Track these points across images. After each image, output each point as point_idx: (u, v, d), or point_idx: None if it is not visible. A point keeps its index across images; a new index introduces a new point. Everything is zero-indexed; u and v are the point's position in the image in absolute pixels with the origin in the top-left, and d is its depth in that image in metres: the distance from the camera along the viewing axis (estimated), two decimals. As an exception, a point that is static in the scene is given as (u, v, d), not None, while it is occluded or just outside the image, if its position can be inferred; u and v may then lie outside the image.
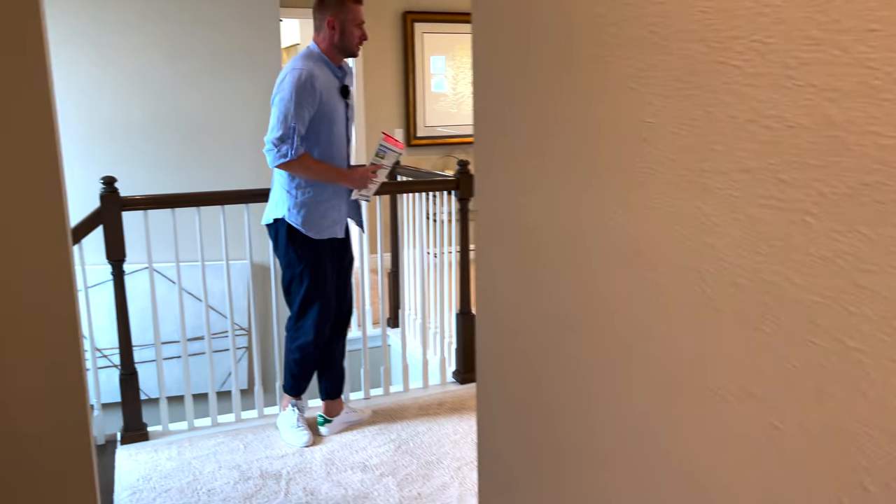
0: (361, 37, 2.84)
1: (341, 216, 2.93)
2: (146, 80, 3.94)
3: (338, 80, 2.85)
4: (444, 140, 6.22)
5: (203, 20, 3.98)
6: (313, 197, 2.84)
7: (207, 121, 4.01)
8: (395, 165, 2.88)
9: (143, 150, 3.98)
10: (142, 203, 3.04)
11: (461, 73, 6.20)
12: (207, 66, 4.00)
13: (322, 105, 2.77)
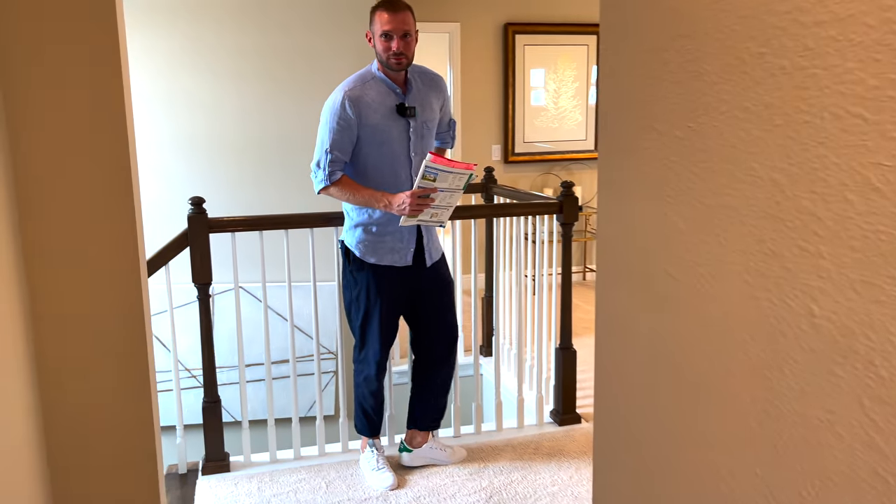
0: (386, 49, 2.53)
1: (403, 243, 2.71)
2: (236, 97, 3.87)
3: (396, 96, 2.64)
4: (544, 156, 5.93)
5: (294, 36, 3.88)
6: (368, 220, 2.68)
7: (296, 139, 3.90)
8: (466, 186, 2.55)
9: (231, 167, 3.92)
10: (229, 225, 2.92)
11: (563, 87, 5.90)
12: (298, 83, 3.90)
13: (366, 127, 2.58)
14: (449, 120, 2.89)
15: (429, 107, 2.70)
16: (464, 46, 5.62)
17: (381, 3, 2.56)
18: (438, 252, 2.85)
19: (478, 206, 3.48)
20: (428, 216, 2.59)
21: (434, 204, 2.55)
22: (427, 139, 2.71)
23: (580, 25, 5.81)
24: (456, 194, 2.57)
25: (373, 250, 2.70)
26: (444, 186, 2.51)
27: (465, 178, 2.52)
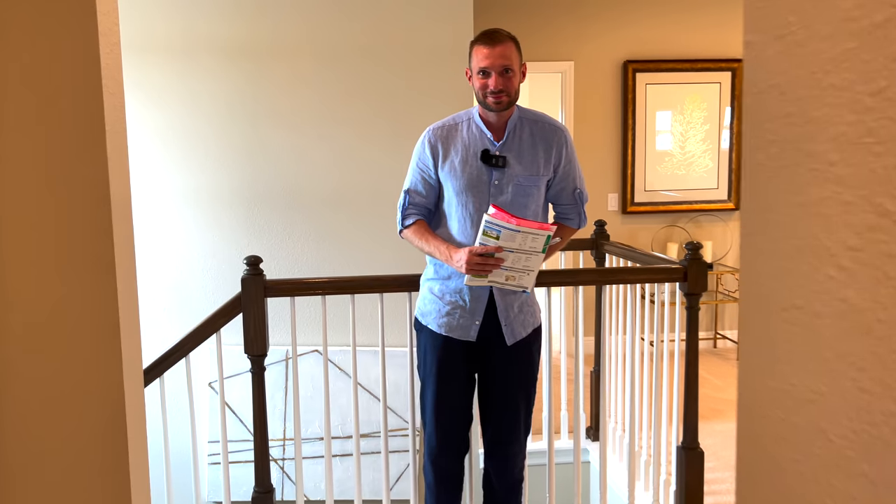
0: (483, 87, 2.16)
1: (468, 313, 2.25)
2: (316, 144, 3.55)
3: (487, 142, 2.22)
4: (668, 207, 5.27)
5: (386, 76, 3.54)
6: (434, 274, 2.32)
7: (383, 190, 3.52)
8: (545, 249, 2.13)
9: (316, 222, 3.58)
10: (288, 288, 2.55)
11: (691, 129, 5.26)
12: (389, 129, 3.53)
13: (444, 171, 2.24)
14: (574, 190, 2.35)
15: (530, 161, 2.24)
16: (578, 86, 5.13)
17: (480, 35, 2.20)
18: (528, 327, 2.34)
19: (585, 270, 2.92)
20: (502, 279, 2.16)
21: (506, 265, 2.13)
22: (520, 200, 2.24)
23: (711, 61, 5.18)
24: (534, 257, 2.14)
25: (430, 313, 2.32)
26: (514, 247, 2.11)
27: (543, 240, 2.11)
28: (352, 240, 3.58)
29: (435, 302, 2.31)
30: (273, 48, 3.47)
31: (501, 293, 2.26)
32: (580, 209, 2.38)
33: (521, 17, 5.00)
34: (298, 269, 3.56)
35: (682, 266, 2.67)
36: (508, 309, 2.28)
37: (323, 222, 3.57)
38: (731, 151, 5.28)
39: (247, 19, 3.44)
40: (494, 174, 2.21)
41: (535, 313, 2.38)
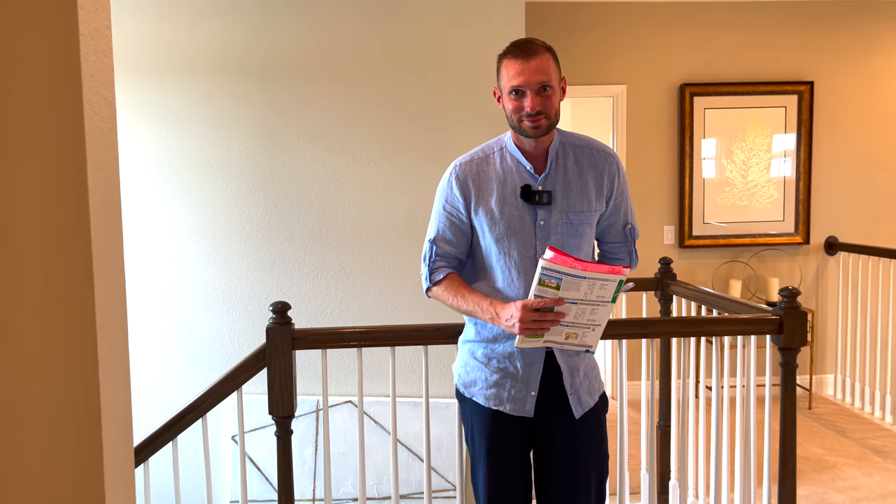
0: (517, 109, 1.79)
1: (520, 382, 1.88)
2: (345, 173, 3.25)
3: (527, 175, 1.86)
4: (729, 241, 4.86)
5: (415, 100, 3.23)
6: (475, 336, 1.95)
7: (408, 221, 3.19)
8: (615, 297, 1.72)
9: (322, 255, 3.26)
10: (320, 339, 2.22)
11: (754, 157, 4.86)
12: (421, 156, 3.22)
13: (479, 213, 1.86)
14: (625, 225, 1.99)
15: (579, 194, 1.87)
16: (630, 112, 4.78)
17: (510, 47, 1.82)
18: (594, 393, 1.96)
19: (659, 320, 2.52)
20: (561, 337, 1.77)
21: (567, 321, 1.73)
22: (572, 241, 1.87)
23: (775, 84, 4.79)
24: (601, 308, 1.73)
25: (476, 382, 1.93)
26: (578, 297, 1.70)
27: (614, 287, 1.70)
28: (388, 277, 3.25)
29: (480, 369, 1.93)
30: (304, 68, 3.19)
31: (563, 353, 1.89)
32: (631, 247, 2.00)
33: (571, 38, 4.68)
34: (328, 312, 3.24)
35: (777, 316, 2.28)
36: (573, 373, 1.90)
37: (355, 258, 3.25)
38: (798, 181, 4.86)
39: (273, 37, 3.18)
40: (539, 213, 1.85)
41: (598, 376, 2.01)
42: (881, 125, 4.87)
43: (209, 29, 3.15)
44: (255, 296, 3.23)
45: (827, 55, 4.81)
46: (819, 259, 4.92)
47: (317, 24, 3.17)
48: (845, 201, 4.89)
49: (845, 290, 4.78)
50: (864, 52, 4.82)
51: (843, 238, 4.88)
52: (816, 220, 4.89)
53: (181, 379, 3.27)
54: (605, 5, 4.69)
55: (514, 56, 1.79)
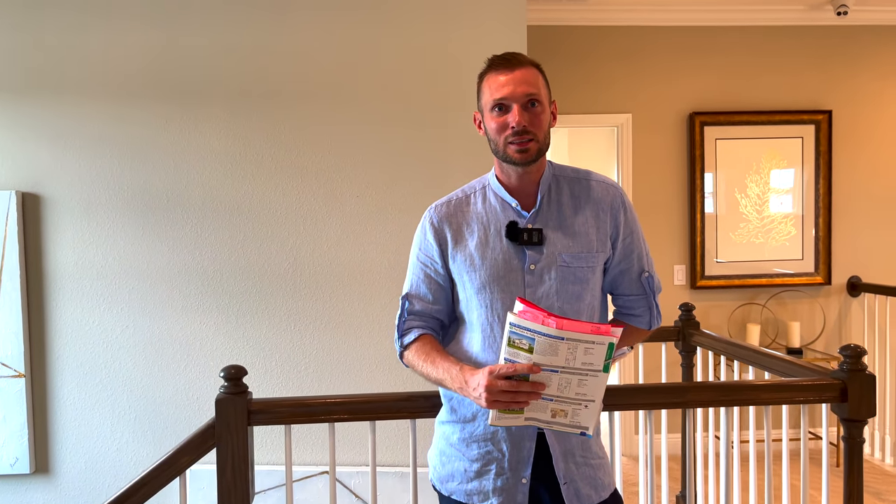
0: (501, 127, 1.47)
1: (505, 466, 1.51)
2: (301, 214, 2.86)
3: (514, 213, 1.54)
4: (745, 281, 4.48)
5: (390, 136, 2.86)
6: (449, 414, 1.60)
7: (391, 268, 2.80)
8: (608, 364, 1.34)
9: (291, 306, 2.84)
10: (283, 413, 1.81)
11: (769, 191, 4.51)
12: (406, 196, 2.83)
13: (458, 258, 1.54)
14: (640, 273, 1.61)
15: (577, 233, 1.53)
16: (636, 142, 4.43)
17: (491, 61, 1.51)
18: (600, 489, 1.55)
19: (695, 385, 2.07)
20: (546, 414, 1.37)
21: (549, 394, 1.34)
22: (570, 289, 1.50)
23: (791, 113, 4.47)
24: (591, 379, 1.33)
25: (454, 475, 1.57)
26: (558, 364, 1.32)
27: (603, 352, 1.32)
28: (372, 329, 2.83)
29: (457, 458, 1.56)
30: (276, 89, 2.82)
31: (554, 432, 1.50)
32: (651, 301, 1.62)
33: (572, 64, 4.36)
34: (302, 369, 2.82)
35: (839, 380, 1.89)
36: (567, 457, 1.51)
37: (334, 306, 2.84)
38: (817, 216, 4.51)
39: (240, 53, 2.81)
40: (529, 256, 1.50)
41: (606, 466, 1.59)
42: (903, 157, 4.54)
43: (175, 46, 2.79)
44: (218, 349, 2.81)
45: (845, 83, 4.50)
46: (842, 301, 4.54)
47: (290, 38, 2.81)
48: (868, 238, 4.54)
49: (871, 335, 4.40)
50: (883, 80, 4.52)
51: (867, 278, 4.51)
52: (838, 259, 4.53)
53: (131, 448, 2.83)
54: (609, 29, 4.37)
55: (497, 68, 1.49)
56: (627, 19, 4.35)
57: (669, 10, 4.33)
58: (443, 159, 2.83)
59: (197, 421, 2.74)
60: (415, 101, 2.84)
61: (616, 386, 1.84)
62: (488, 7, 2.84)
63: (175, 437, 2.77)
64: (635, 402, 1.92)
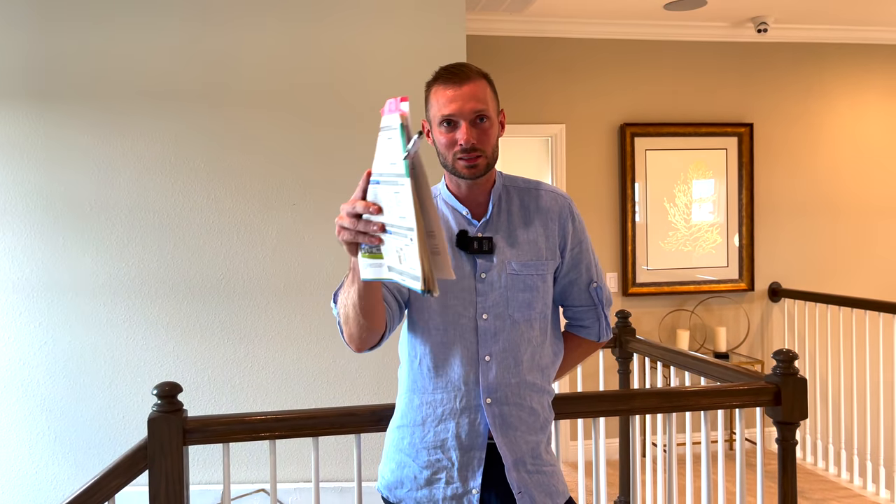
0: (450, 143, 1.45)
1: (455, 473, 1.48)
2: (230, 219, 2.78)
3: (465, 221, 1.53)
4: (675, 288, 4.61)
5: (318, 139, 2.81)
6: (401, 419, 1.56)
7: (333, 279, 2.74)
8: (407, 162, 1.02)
9: (227, 317, 2.75)
10: (220, 431, 1.73)
11: (696, 200, 4.66)
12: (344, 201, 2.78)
13: None
14: (589, 283, 1.61)
15: (526, 242, 1.53)
16: (570, 152, 4.51)
17: (439, 72, 1.49)
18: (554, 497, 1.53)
19: (634, 394, 2.09)
20: (395, 259, 1.09)
21: (388, 225, 1.09)
22: (520, 296, 1.49)
23: (716, 125, 4.63)
24: (402, 189, 1.04)
25: (403, 482, 1.54)
26: (379, 171, 1.10)
27: (398, 138, 1.05)
28: (311, 341, 2.76)
29: (407, 465, 1.53)
30: (206, 91, 2.72)
31: (505, 438, 1.48)
32: (600, 311, 1.63)
33: (506, 74, 4.39)
34: (238, 384, 2.72)
35: (773, 384, 1.94)
36: (520, 465, 1.49)
37: (271, 319, 2.75)
38: (741, 225, 4.68)
39: (167, 54, 2.70)
40: (479, 264, 1.49)
41: (559, 473, 1.58)
42: (818, 170, 4.77)
43: (99, 47, 2.65)
44: (146, 365, 2.68)
45: (766, 98, 4.70)
46: (764, 306, 4.73)
47: (223, 40, 2.72)
48: (787, 246, 4.75)
49: (791, 339, 4.60)
50: (801, 96, 4.74)
51: (787, 284, 4.71)
52: (760, 266, 4.72)
53: (50, 470, 2.66)
54: (545, 41, 4.44)
55: (445, 82, 1.46)
56: (563, 31, 4.42)
57: (603, 23, 4.42)
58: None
59: (123, 441, 2.60)
60: (353, 106, 2.79)
61: (562, 394, 1.84)
62: (429, 14, 2.82)
63: (99, 458, 2.62)
64: (581, 409, 1.93)
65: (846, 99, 4.78)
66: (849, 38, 4.73)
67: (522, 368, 1.49)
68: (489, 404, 1.46)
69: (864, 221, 4.81)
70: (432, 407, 1.49)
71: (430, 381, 1.50)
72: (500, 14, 4.25)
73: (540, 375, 1.53)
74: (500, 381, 1.47)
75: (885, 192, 4.84)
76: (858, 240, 4.81)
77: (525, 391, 1.50)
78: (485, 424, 1.47)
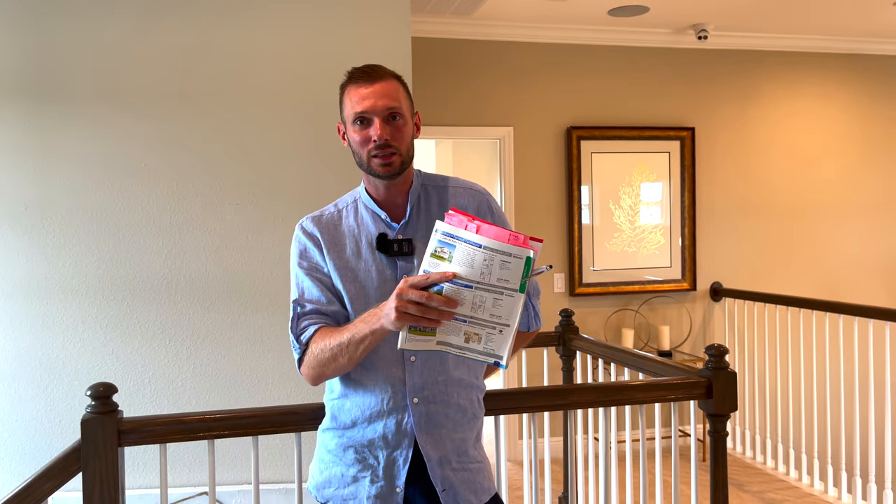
0: (364, 140, 1.48)
1: (380, 473, 1.50)
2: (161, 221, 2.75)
3: (384, 225, 1.55)
4: (620, 288, 4.71)
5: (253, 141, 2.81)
6: (329, 422, 1.58)
7: (270, 281, 2.74)
8: (524, 284, 1.26)
9: (165, 319, 2.72)
10: (158, 432, 1.71)
11: (640, 203, 4.77)
12: (288, 201, 2.78)
13: (333, 271, 1.53)
14: None
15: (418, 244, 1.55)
16: (518, 155, 4.57)
17: (351, 73, 1.52)
18: (479, 494, 1.56)
19: (571, 388, 2.15)
20: (459, 338, 1.28)
21: (462, 314, 1.26)
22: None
23: (659, 129, 4.75)
24: (506, 299, 1.25)
25: (330, 482, 1.55)
26: (474, 278, 1.25)
27: (520, 267, 1.25)
28: (255, 342, 2.74)
29: (335, 464, 1.54)
30: (146, 89, 2.68)
31: (430, 438, 1.49)
32: (529, 304, 1.65)
33: (454, 77, 4.43)
34: (180, 386, 2.69)
35: (704, 378, 2.01)
36: (444, 464, 1.51)
37: (214, 320, 2.72)
38: (683, 227, 4.81)
39: (102, 50, 2.66)
40: (401, 267, 1.51)
41: (485, 470, 1.60)
42: (756, 173, 4.93)
43: (26, 45, 2.59)
44: (85, 368, 2.62)
45: (707, 103, 4.84)
46: (706, 305, 4.87)
47: (167, 40, 2.68)
48: (727, 247, 4.90)
49: (731, 337, 4.74)
50: (740, 101, 4.90)
51: (727, 284, 4.86)
52: (702, 266, 4.85)
53: (-18, 477, 2.59)
54: (492, 44, 4.49)
55: (358, 81, 1.49)
56: (511, 35, 4.48)
57: (550, 28, 4.50)
58: (326, 167, 2.79)
59: (61, 446, 2.54)
60: (296, 106, 2.79)
61: (500, 390, 1.88)
62: (373, 14, 2.84)
63: (36, 464, 2.55)
64: (521, 405, 1.96)
65: (782, 105, 4.96)
66: (784, 46, 4.91)
67: (448, 366, 1.51)
68: (416, 404, 1.48)
69: (798, 223, 5.00)
70: (360, 409, 1.50)
71: (358, 385, 1.51)
72: (448, 17, 4.28)
73: (467, 372, 1.55)
74: (426, 381, 1.48)
75: (818, 194, 5.03)
76: (794, 240, 4.99)
77: (452, 388, 1.51)
78: (411, 424, 1.48)
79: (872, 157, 5.12)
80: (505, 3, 4.04)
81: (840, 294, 4.90)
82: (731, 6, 4.19)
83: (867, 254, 5.10)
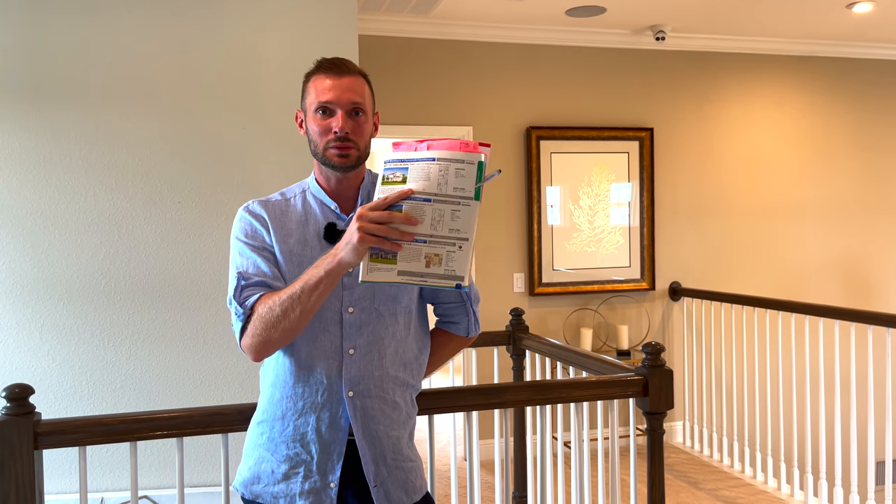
0: (324, 130, 1.47)
1: (313, 468, 1.48)
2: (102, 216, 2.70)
3: (334, 215, 1.54)
4: (579, 287, 4.72)
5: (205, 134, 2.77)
6: (262, 414, 1.54)
7: (212, 279, 2.70)
8: (479, 191, 1.27)
9: (93, 318, 2.66)
10: (77, 435, 1.66)
11: (600, 203, 4.78)
12: (230, 199, 2.74)
13: (278, 256, 1.50)
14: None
15: None
16: (477, 154, 4.55)
17: (321, 63, 1.51)
18: (411, 493, 1.54)
19: (505, 387, 2.11)
20: (420, 263, 1.27)
21: (422, 234, 1.25)
22: (385, 291, 1.50)
23: (618, 129, 4.77)
24: (464, 209, 1.25)
25: (260, 478, 1.52)
26: (431, 191, 1.25)
27: (474, 173, 1.25)
28: (196, 342, 2.69)
29: (265, 460, 1.51)
30: (84, 82, 2.63)
31: (366, 435, 1.47)
32: (469, 308, 1.63)
33: (410, 76, 4.41)
34: (118, 387, 2.63)
35: (641, 377, 2.01)
36: (379, 462, 1.49)
37: (154, 319, 2.67)
38: (642, 227, 4.84)
39: (40, 42, 2.60)
40: None
41: (418, 469, 1.59)
42: (714, 174, 4.98)
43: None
44: (19, 369, 2.56)
45: (665, 103, 4.88)
46: (665, 305, 4.90)
47: (105, 31, 2.63)
48: (686, 247, 4.93)
49: (690, 336, 4.77)
50: (698, 102, 4.94)
51: (686, 283, 4.89)
52: (661, 266, 4.88)
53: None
54: (450, 43, 4.48)
55: (326, 71, 1.49)
56: (468, 34, 4.47)
57: (508, 27, 4.50)
58: (270, 165, 2.75)
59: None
60: (240, 104, 2.75)
61: (434, 389, 1.86)
62: (319, 12, 2.81)
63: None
64: (456, 404, 1.94)
65: (739, 106, 5.02)
66: (740, 48, 4.96)
67: (386, 362, 1.50)
68: (351, 397, 1.46)
69: (756, 223, 5.05)
70: (293, 400, 1.48)
71: (292, 375, 1.48)
72: (405, 15, 4.26)
73: (403, 369, 1.54)
74: (363, 374, 1.47)
75: (775, 195, 5.09)
76: (751, 241, 5.04)
77: (388, 384, 1.51)
78: (346, 418, 1.47)
79: (828, 157, 5.19)
80: (462, 3, 4.03)
81: (797, 293, 4.96)
82: (687, 8, 4.23)
83: (823, 253, 5.17)
